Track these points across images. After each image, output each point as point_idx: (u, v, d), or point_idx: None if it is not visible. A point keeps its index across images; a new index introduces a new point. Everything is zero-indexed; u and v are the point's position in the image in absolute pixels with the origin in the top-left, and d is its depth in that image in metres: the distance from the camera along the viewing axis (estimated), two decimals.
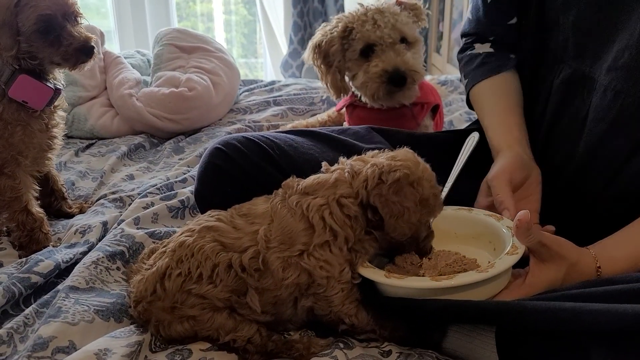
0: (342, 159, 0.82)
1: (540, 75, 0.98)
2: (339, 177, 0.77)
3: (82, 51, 1.05)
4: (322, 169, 0.81)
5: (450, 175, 0.91)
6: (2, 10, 0.97)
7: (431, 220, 0.80)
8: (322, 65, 1.31)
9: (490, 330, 0.71)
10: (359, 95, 1.32)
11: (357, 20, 1.24)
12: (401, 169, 0.75)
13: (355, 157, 0.81)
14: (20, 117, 1.04)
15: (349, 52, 1.26)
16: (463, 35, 1.12)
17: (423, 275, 0.79)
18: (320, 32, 1.31)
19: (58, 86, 1.09)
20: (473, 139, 0.95)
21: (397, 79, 1.20)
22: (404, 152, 0.79)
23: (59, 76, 1.11)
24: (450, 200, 0.90)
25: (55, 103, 1.11)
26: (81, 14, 1.09)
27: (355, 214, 0.75)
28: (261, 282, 0.75)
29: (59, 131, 1.13)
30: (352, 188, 0.76)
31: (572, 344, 0.60)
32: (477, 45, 1.07)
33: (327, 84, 1.33)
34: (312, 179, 0.79)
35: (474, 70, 1.05)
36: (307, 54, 1.33)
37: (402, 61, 1.20)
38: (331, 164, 0.82)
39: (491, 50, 1.05)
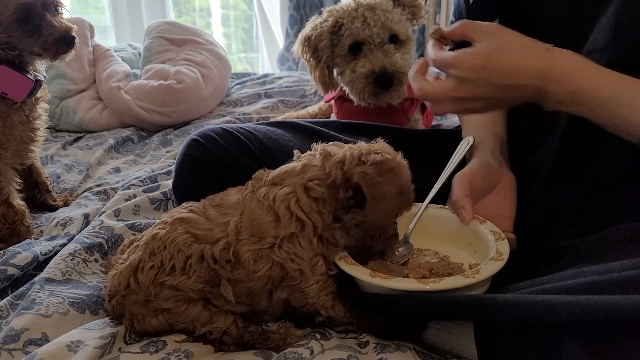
0: (314, 145, 0.80)
1: None
2: (307, 163, 0.76)
3: (62, 41, 1.04)
4: (293, 157, 0.80)
5: (441, 175, 0.89)
6: None
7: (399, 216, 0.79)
8: (311, 59, 1.29)
9: (468, 322, 0.70)
10: (347, 91, 1.30)
11: (348, 15, 1.21)
12: (382, 153, 0.74)
13: (330, 143, 0.79)
14: (0, 109, 1.02)
15: (337, 48, 1.24)
16: None
17: (407, 275, 0.78)
18: (311, 25, 1.29)
19: (39, 78, 1.08)
20: (468, 142, 0.93)
21: (384, 81, 1.18)
22: (381, 143, 0.77)
23: (40, 67, 1.10)
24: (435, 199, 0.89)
25: (37, 95, 1.09)
26: (62, 3, 1.08)
27: (322, 195, 0.73)
28: (233, 273, 0.74)
29: (41, 123, 1.12)
30: (323, 170, 0.74)
31: (546, 335, 0.60)
32: None
33: (315, 78, 1.31)
34: (280, 168, 0.78)
35: None
36: (297, 47, 1.31)
37: (390, 62, 1.18)
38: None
39: None
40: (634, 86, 0.67)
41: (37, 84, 1.07)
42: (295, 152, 0.81)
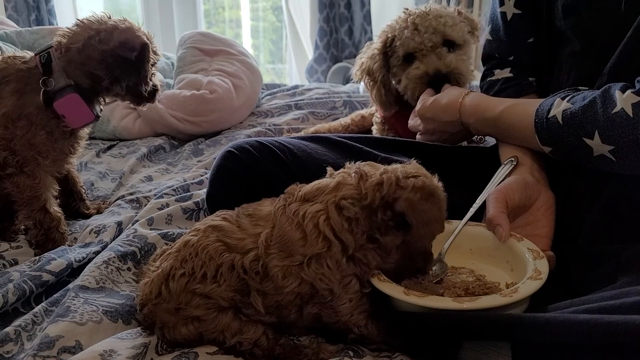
0: (347, 164, 0.79)
1: (553, 87, 0.96)
2: (341, 180, 0.75)
3: (153, 93, 1.14)
4: (326, 174, 0.79)
5: (481, 194, 0.88)
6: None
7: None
8: (368, 81, 1.31)
9: (506, 342, 0.68)
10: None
11: (399, 27, 1.21)
12: (420, 176, 0.72)
13: (365, 162, 0.78)
14: (50, 124, 1.04)
15: (393, 59, 1.23)
16: (484, 59, 1.11)
17: (442, 294, 0.76)
18: (365, 50, 1.32)
19: (99, 114, 1.11)
20: (511, 163, 0.92)
21: (438, 82, 1.15)
22: (415, 164, 0.76)
23: (103, 104, 1.13)
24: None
25: None
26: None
27: (356, 215, 0.72)
28: (262, 285, 0.73)
29: (82, 141, 1.15)
30: (358, 190, 0.73)
31: (589, 357, 0.57)
32: (496, 72, 1.06)
33: (373, 98, 1.33)
34: (312, 184, 0.77)
35: (493, 96, 1.04)
36: (354, 72, 1.34)
37: (444, 64, 1.16)
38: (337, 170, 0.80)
39: (510, 75, 1.04)
40: (513, 104, 0.92)
41: (96, 119, 1.10)
42: (329, 168, 0.80)
